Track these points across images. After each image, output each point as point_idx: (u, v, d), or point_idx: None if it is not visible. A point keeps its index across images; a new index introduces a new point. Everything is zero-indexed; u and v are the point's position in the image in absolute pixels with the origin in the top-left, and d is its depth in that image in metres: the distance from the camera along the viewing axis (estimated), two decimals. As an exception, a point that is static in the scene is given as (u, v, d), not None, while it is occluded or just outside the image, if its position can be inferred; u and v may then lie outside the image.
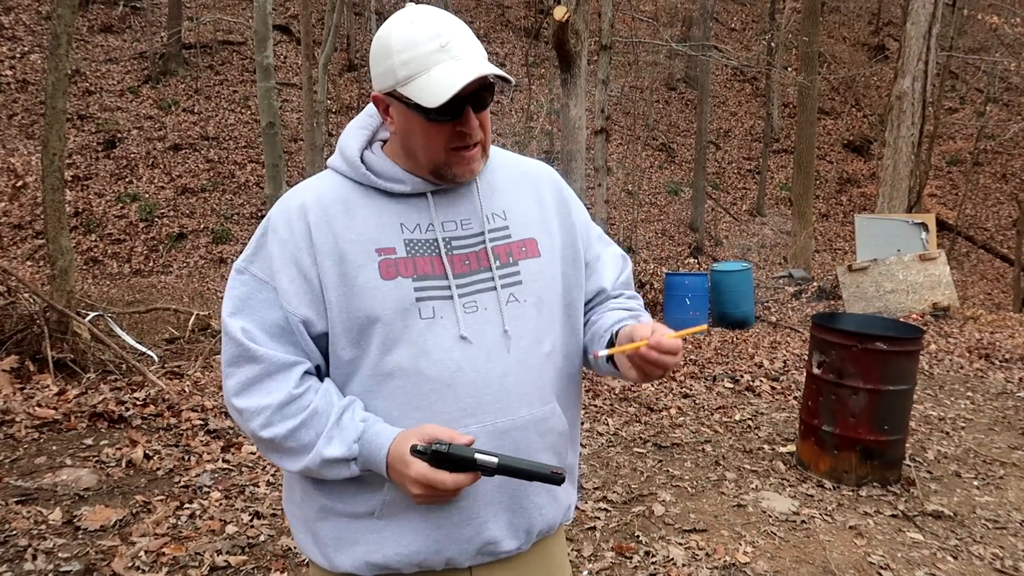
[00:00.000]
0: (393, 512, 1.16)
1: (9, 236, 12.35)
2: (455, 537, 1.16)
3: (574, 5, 6.72)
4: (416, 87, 1.07)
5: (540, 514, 1.23)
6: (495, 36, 21.66)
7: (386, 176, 1.18)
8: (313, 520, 1.21)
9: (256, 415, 1.12)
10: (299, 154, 15.29)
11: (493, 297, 1.18)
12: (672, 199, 18.70)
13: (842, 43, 25.65)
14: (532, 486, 1.20)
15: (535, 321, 1.20)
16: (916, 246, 9.26)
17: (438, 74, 1.06)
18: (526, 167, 1.33)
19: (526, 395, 1.18)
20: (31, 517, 2.88)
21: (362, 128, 1.25)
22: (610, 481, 3.70)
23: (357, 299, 1.12)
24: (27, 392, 4.25)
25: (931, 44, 9.91)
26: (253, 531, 2.96)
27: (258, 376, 1.12)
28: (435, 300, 1.14)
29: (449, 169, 1.15)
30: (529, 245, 1.23)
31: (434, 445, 1.03)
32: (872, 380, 3.58)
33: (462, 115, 1.10)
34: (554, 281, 1.25)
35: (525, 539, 1.22)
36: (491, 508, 1.17)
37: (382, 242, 1.15)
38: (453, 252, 1.18)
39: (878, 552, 3.03)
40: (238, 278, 1.17)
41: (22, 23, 16.34)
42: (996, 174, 20.61)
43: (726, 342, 7.63)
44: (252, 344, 1.12)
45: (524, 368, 1.18)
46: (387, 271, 1.13)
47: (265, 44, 7.51)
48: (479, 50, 1.12)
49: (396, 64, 1.08)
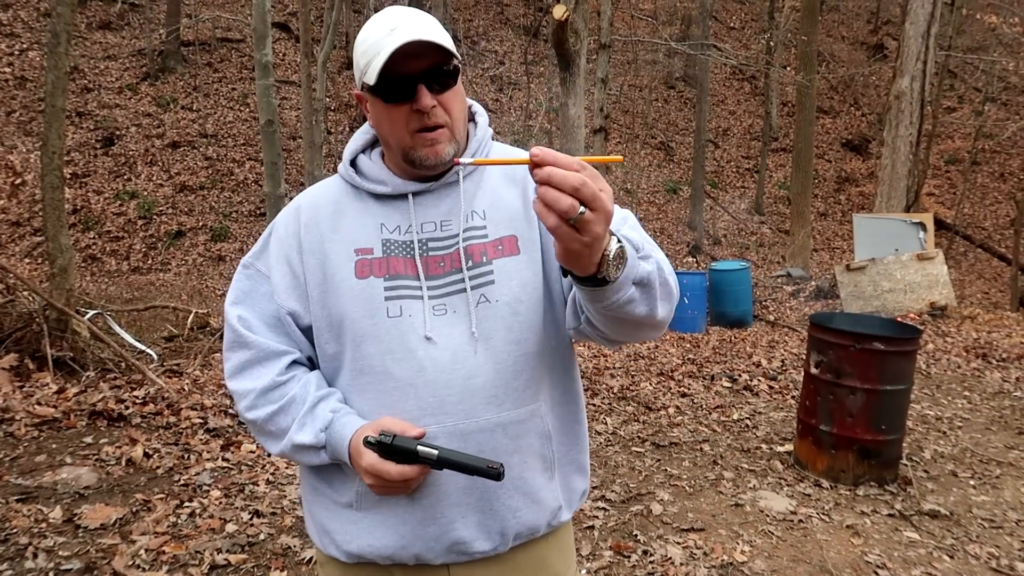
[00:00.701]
0: (368, 504, 1.20)
1: (7, 233, 12.33)
2: (420, 535, 1.18)
3: (573, 4, 6.72)
4: (370, 72, 1.11)
5: (514, 516, 1.21)
6: (494, 34, 21.64)
7: (372, 178, 1.23)
8: (310, 502, 1.29)
9: (243, 397, 1.21)
10: (298, 152, 15.28)
11: (463, 299, 1.18)
12: (671, 198, 18.71)
13: (841, 42, 25.66)
14: (501, 488, 1.19)
15: (509, 321, 1.18)
16: (914, 245, 9.28)
17: (384, 53, 1.09)
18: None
19: (495, 397, 1.16)
20: (31, 515, 2.89)
21: (364, 133, 1.30)
22: (608, 480, 3.72)
23: (332, 296, 1.19)
24: (27, 390, 4.26)
25: (930, 43, 9.92)
26: (253, 529, 2.97)
27: (249, 361, 1.21)
28: (404, 299, 1.17)
29: (415, 152, 1.17)
30: (507, 243, 1.21)
31: (380, 436, 1.08)
32: (869, 380, 3.59)
33: (415, 94, 1.11)
34: (534, 278, 1.21)
35: (500, 540, 1.21)
36: (458, 509, 1.17)
37: (361, 242, 1.20)
38: (429, 253, 1.20)
39: (875, 551, 3.04)
40: (244, 272, 1.27)
41: (20, 20, 16.31)
42: (994, 173, 20.64)
43: (724, 341, 7.65)
44: (245, 331, 1.21)
45: (493, 370, 1.16)
46: (361, 270, 1.18)
47: (264, 42, 7.51)
48: (434, 28, 1.12)
49: (358, 56, 1.14)
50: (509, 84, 19.70)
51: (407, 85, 1.11)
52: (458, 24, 20.22)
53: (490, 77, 19.28)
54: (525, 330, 1.19)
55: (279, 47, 17.94)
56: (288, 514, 3.14)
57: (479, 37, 21.03)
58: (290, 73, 17.55)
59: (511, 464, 1.19)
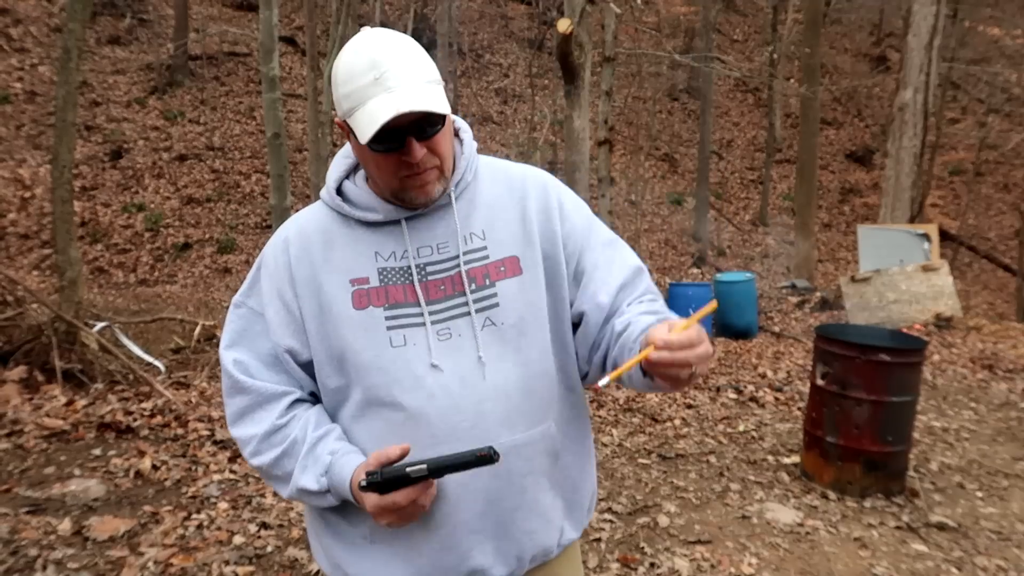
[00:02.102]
0: (382, 537, 1.17)
1: (16, 246, 12.41)
2: (439, 565, 1.16)
3: (577, 17, 6.78)
4: (355, 120, 1.08)
5: (530, 539, 1.20)
6: (499, 47, 21.77)
7: (361, 206, 1.19)
8: (319, 534, 1.25)
9: (247, 443, 1.19)
10: (304, 164, 15.35)
11: (468, 323, 1.16)
12: (675, 209, 18.73)
13: (844, 54, 25.74)
14: (518, 511, 1.18)
15: (516, 343, 1.17)
16: (919, 256, 9.27)
17: (371, 108, 1.05)
18: (514, 177, 1.29)
19: (507, 420, 1.16)
20: (40, 527, 2.91)
21: (346, 157, 1.25)
22: (615, 492, 3.72)
23: (331, 329, 1.15)
24: (36, 402, 4.28)
25: (932, 55, 9.96)
26: (260, 542, 2.98)
27: (248, 406, 1.18)
28: (407, 328, 1.15)
29: (406, 193, 1.15)
30: (509, 264, 1.20)
31: (368, 478, 1.06)
32: (876, 391, 3.59)
33: (405, 145, 1.09)
34: (539, 298, 1.20)
35: (517, 565, 1.20)
36: (475, 536, 1.16)
37: (356, 272, 1.17)
38: (428, 278, 1.17)
39: (882, 564, 3.03)
40: (236, 312, 1.22)
41: (30, 35, 16.48)
42: (998, 184, 20.62)
43: (730, 352, 7.64)
44: (242, 376, 1.18)
45: (503, 394, 1.15)
46: (359, 301, 1.15)
47: (271, 55, 7.59)
48: (418, 77, 1.08)
49: (340, 96, 1.10)
50: (514, 96, 19.80)
51: (396, 137, 1.08)
52: (463, 37, 20.35)
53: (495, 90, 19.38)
54: (533, 351, 1.19)
55: (286, 61, 18.07)
56: (295, 526, 3.15)
57: (484, 50, 21.16)
58: (296, 86, 17.68)
59: (525, 486, 1.18)
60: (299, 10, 19.44)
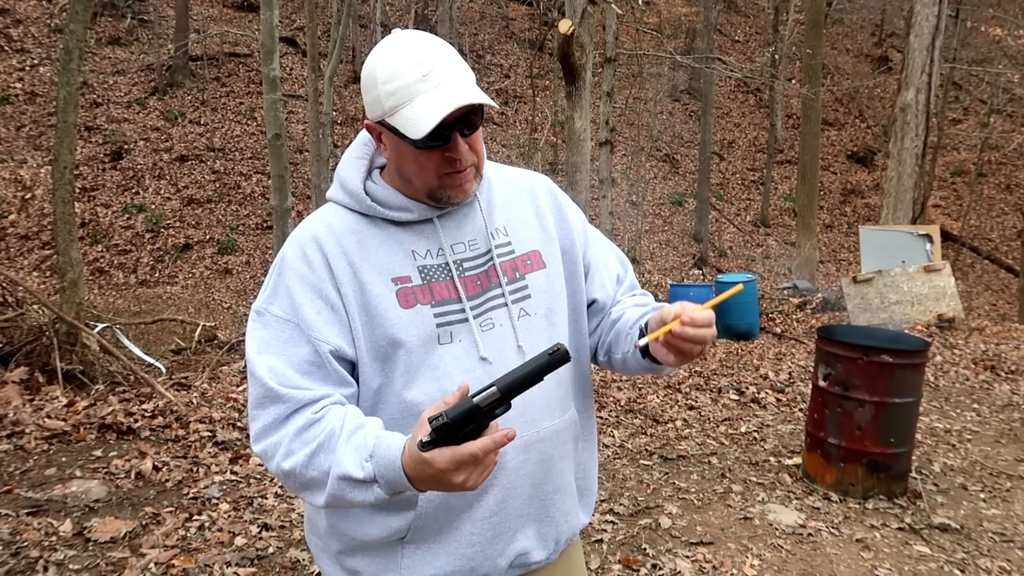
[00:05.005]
0: (423, 536, 1.16)
1: (17, 247, 12.42)
2: (488, 553, 1.18)
3: (579, 18, 6.77)
4: (401, 117, 1.07)
5: (567, 521, 1.27)
6: (500, 48, 21.78)
7: (392, 205, 1.18)
8: (343, 554, 1.21)
9: (277, 447, 1.08)
10: (304, 165, 15.36)
11: (505, 313, 1.21)
12: (676, 210, 18.73)
13: (845, 55, 25.73)
14: (557, 494, 1.24)
15: (547, 332, 1.24)
16: (920, 257, 9.26)
17: (421, 104, 1.06)
18: (519, 179, 1.36)
19: (548, 407, 1.22)
20: (42, 528, 2.90)
21: (359, 159, 1.24)
22: (616, 493, 3.71)
23: (379, 328, 1.13)
24: (37, 404, 4.28)
25: (934, 56, 9.95)
26: (262, 543, 2.97)
27: (283, 416, 1.09)
28: (453, 325, 1.17)
29: (444, 192, 1.16)
30: (534, 257, 1.27)
31: (433, 424, 0.92)
32: (878, 392, 3.58)
33: (450, 141, 1.11)
34: (561, 289, 1.29)
35: (554, 548, 1.26)
36: (520, 520, 1.20)
37: (397, 271, 1.16)
38: (465, 274, 1.20)
39: (885, 565, 3.03)
40: (259, 320, 1.14)
41: (31, 35, 16.49)
42: (1000, 185, 20.62)
43: (731, 353, 7.63)
44: (277, 385, 1.09)
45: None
46: (406, 300, 1.15)
47: (271, 56, 7.58)
48: (463, 74, 1.10)
49: (382, 95, 1.09)
50: (515, 98, 19.81)
51: (442, 133, 1.08)
52: (464, 38, 20.36)
53: (496, 91, 19.38)
54: (560, 339, 1.26)
55: (286, 61, 18.09)
56: (297, 527, 3.14)
57: (485, 51, 21.17)
58: (297, 87, 17.69)
59: (562, 470, 1.25)
60: (300, 11, 19.46)
